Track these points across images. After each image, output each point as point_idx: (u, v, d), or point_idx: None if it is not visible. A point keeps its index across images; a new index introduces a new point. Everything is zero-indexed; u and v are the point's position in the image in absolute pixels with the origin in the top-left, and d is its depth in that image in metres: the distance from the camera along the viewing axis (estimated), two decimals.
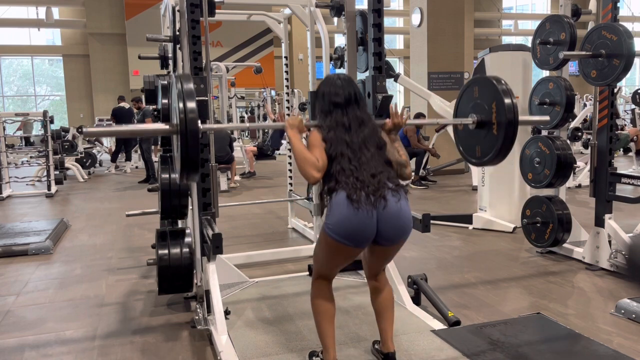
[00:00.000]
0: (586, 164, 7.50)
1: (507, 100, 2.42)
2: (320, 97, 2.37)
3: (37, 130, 11.88)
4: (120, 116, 11.21)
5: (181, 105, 2.15)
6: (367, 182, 2.14)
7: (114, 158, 11.77)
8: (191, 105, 2.16)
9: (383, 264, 2.43)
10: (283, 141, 11.16)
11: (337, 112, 2.29)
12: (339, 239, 2.15)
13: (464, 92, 2.73)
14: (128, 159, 11.91)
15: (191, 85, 2.22)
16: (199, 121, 2.19)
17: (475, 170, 7.68)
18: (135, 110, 10.98)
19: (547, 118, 3.15)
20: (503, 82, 2.52)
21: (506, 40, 23.26)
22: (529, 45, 4.61)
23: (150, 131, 2.59)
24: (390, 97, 3.25)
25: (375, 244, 2.23)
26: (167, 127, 2.30)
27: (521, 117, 2.46)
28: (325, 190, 2.23)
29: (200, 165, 2.32)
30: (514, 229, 5.23)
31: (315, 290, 2.35)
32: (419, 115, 8.62)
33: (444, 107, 7.02)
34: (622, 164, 9.55)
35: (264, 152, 10.60)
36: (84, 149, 11.95)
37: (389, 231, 2.18)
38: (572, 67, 12.13)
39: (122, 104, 11.34)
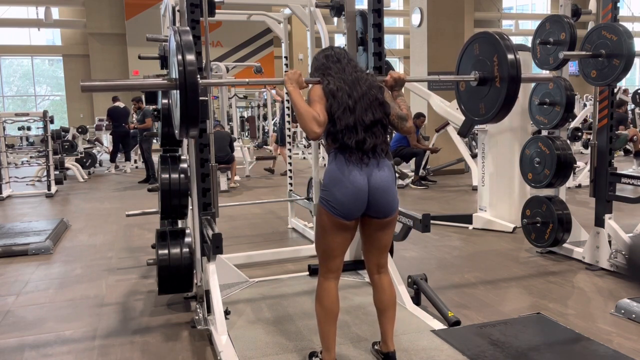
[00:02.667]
0: (586, 164, 7.51)
1: (509, 55, 2.41)
2: (314, 60, 2.40)
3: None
4: (115, 116, 11.22)
5: (180, 57, 2.12)
6: (362, 139, 2.19)
7: (112, 158, 11.78)
8: (190, 57, 2.13)
9: (381, 246, 2.41)
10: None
11: (335, 65, 2.31)
12: (333, 208, 2.20)
13: (464, 51, 2.70)
14: (127, 159, 11.91)
15: (190, 38, 2.20)
16: (198, 75, 2.17)
17: (475, 170, 7.69)
18: (134, 110, 10.98)
19: (550, 76, 3.13)
20: (506, 36, 2.49)
21: None
22: (529, 45, 4.61)
23: (150, 85, 2.58)
24: None
25: (366, 217, 2.28)
26: (165, 81, 2.28)
27: (524, 75, 2.45)
28: (329, 142, 2.26)
29: (199, 121, 2.30)
30: (514, 229, 5.23)
31: (321, 291, 2.34)
32: (419, 116, 8.62)
33: (444, 107, 7.03)
34: (623, 164, 9.56)
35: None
36: (84, 149, 11.95)
37: (378, 202, 2.23)
38: (572, 67, 12.12)
39: (117, 104, 11.34)
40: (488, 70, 2.52)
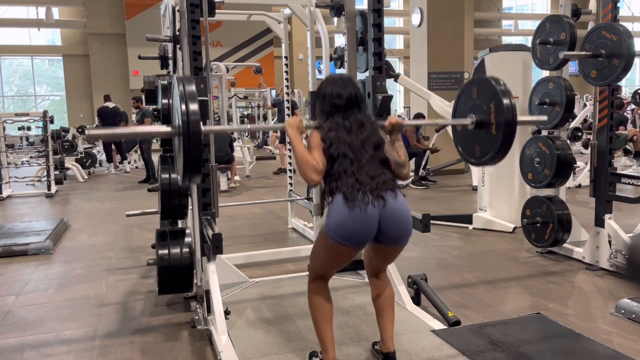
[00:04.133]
0: (586, 164, 7.50)
1: (505, 100, 2.43)
2: (321, 98, 2.36)
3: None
4: (104, 116, 11.23)
5: (183, 107, 2.15)
6: (366, 182, 2.16)
7: (108, 158, 11.77)
8: (193, 107, 2.15)
9: (385, 263, 2.44)
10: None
11: (338, 114, 2.29)
12: (338, 239, 2.16)
13: (462, 93, 2.74)
14: (124, 157, 11.89)
15: (193, 87, 2.22)
16: (201, 123, 2.19)
17: (475, 170, 7.68)
18: (134, 110, 10.98)
19: (544, 118, 3.15)
20: (502, 82, 2.53)
21: (506, 40, 23.28)
22: (529, 45, 4.61)
23: (152, 133, 2.60)
24: (390, 97, 3.26)
25: (377, 242, 2.25)
26: (169, 129, 2.31)
27: (520, 117, 2.47)
28: (327, 190, 2.24)
29: (202, 167, 2.32)
30: (514, 229, 5.23)
31: (313, 290, 2.35)
32: (418, 116, 8.61)
33: (444, 107, 7.03)
34: (623, 164, 9.56)
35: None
36: (84, 149, 11.95)
37: (391, 229, 2.19)
38: (572, 67, 12.12)
39: (107, 104, 11.35)
40: (485, 115, 2.56)
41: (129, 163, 12.11)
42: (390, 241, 2.25)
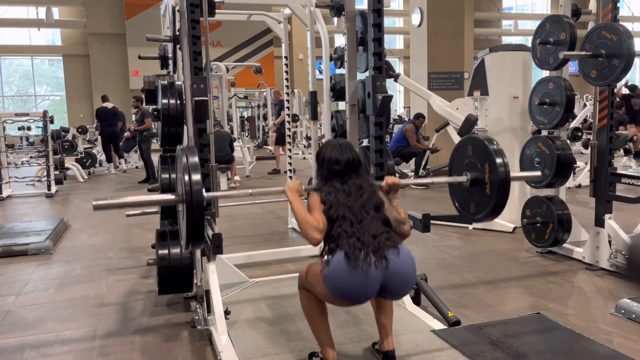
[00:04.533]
0: (586, 164, 7.50)
1: (498, 160, 2.52)
2: (320, 163, 2.40)
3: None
4: (103, 116, 11.23)
5: (187, 178, 2.25)
6: (368, 242, 2.15)
7: (108, 158, 11.76)
8: (196, 177, 2.26)
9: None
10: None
11: (336, 179, 2.32)
12: (335, 294, 2.17)
13: (458, 149, 2.81)
14: (120, 156, 11.87)
15: (196, 159, 2.33)
16: (204, 190, 2.28)
17: None
18: (133, 110, 10.97)
19: (538, 173, 3.21)
20: (494, 142, 2.61)
21: (506, 40, 23.28)
22: (529, 45, 4.61)
23: (157, 202, 2.68)
24: (390, 97, 3.26)
25: (379, 296, 2.25)
26: (173, 197, 2.39)
27: (513, 174, 2.56)
28: (326, 250, 2.23)
29: (204, 236, 2.41)
30: (514, 229, 5.23)
31: (304, 295, 2.38)
32: (419, 116, 8.61)
33: (444, 107, 7.02)
34: (622, 164, 9.56)
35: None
36: (84, 149, 11.95)
37: (394, 287, 2.21)
38: (572, 67, 12.12)
39: (105, 104, 11.35)
40: (480, 173, 2.63)
41: (126, 162, 12.11)
42: (392, 297, 2.30)
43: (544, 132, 4.42)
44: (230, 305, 3.09)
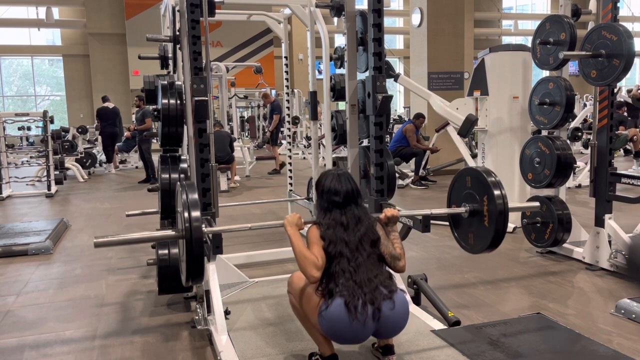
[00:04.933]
0: (586, 164, 7.50)
1: (496, 192, 2.57)
2: (320, 194, 2.42)
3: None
4: (105, 116, 11.23)
5: (186, 215, 2.31)
6: (365, 289, 2.17)
7: (109, 158, 11.74)
8: (196, 214, 2.31)
9: None
10: (283, 142, 11.14)
11: (335, 211, 2.34)
12: (328, 335, 2.24)
13: (456, 180, 2.84)
14: (110, 160, 11.78)
15: (195, 196, 2.38)
16: (203, 226, 2.33)
17: None
18: (135, 109, 10.96)
19: (537, 204, 3.23)
20: (493, 174, 2.66)
21: (506, 40, 23.29)
22: (529, 45, 4.61)
23: (159, 238, 2.70)
24: (390, 97, 3.26)
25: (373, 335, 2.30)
26: (173, 232, 2.43)
27: (511, 205, 2.59)
28: (326, 291, 2.23)
29: (204, 272, 2.46)
30: (514, 229, 5.23)
31: (294, 300, 2.43)
32: (418, 116, 8.61)
33: (444, 107, 7.01)
34: (623, 164, 9.55)
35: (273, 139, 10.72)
36: (84, 149, 11.95)
37: (387, 333, 2.31)
38: (572, 67, 12.12)
39: (106, 104, 11.35)
40: (478, 205, 2.66)
41: (122, 163, 12.11)
42: (383, 337, 2.36)
43: (544, 132, 4.42)
44: (230, 305, 3.10)
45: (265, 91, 11.78)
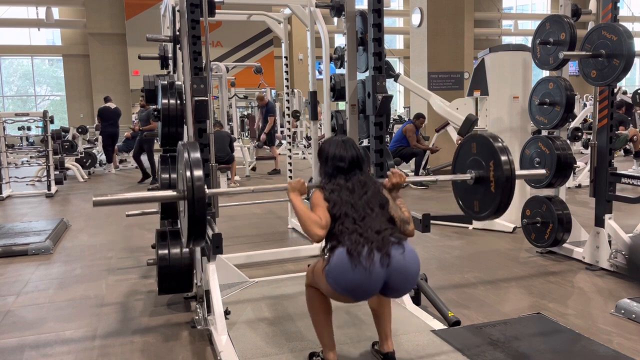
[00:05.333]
0: (586, 164, 7.50)
1: (504, 158, 2.51)
2: (324, 160, 2.38)
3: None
4: (106, 116, 11.24)
5: (188, 173, 2.23)
6: (372, 238, 2.12)
7: (109, 158, 11.72)
8: (198, 173, 2.24)
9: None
10: (283, 141, 11.13)
11: (340, 176, 2.31)
12: (338, 289, 2.15)
13: (462, 146, 2.80)
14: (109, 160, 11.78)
15: (198, 154, 2.30)
16: (205, 187, 2.26)
17: None
18: (138, 108, 10.95)
19: (543, 171, 3.21)
20: (499, 139, 2.59)
21: (506, 40, 23.29)
22: (529, 45, 4.61)
23: (158, 197, 2.66)
24: (390, 97, 3.26)
25: (381, 293, 2.21)
26: (174, 193, 2.37)
27: (518, 172, 2.54)
28: (328, 247, 2.22)
29: (205, 233, 2.39)
30: (514, 229, 5.23)
31: (311, 292, 2.37)
32: (419, 116, 8.61)
33: (444, 107, 7.01)
34: (623, 164, 9.55)
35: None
36: (84, 149, 11.95)
37: (398, 285, 2.17)
38: (572, 67, 12.12)
39: (108, 104, 11.36)
40: (484, 171, 2.61)
41: (121, 162, 12.10)
42: (394, 294, 2.25)
43: (544, 132, 4.42)
44: (230, 305, 3.10)
45: (260, 93, 11.76)
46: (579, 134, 9.58)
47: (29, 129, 12.54)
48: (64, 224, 5.95)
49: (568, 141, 4.51)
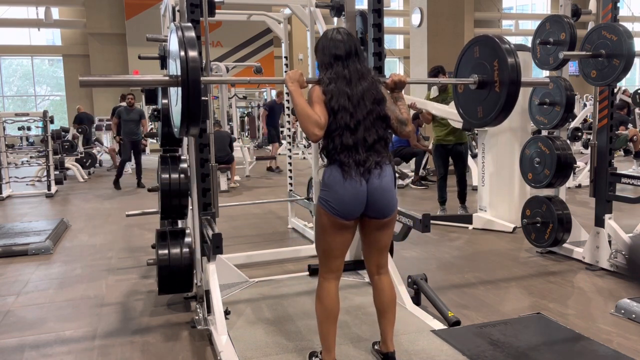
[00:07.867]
0: (586, 164, 7.50)
1: (510, 59, 2.42)
2: (321, 51, 2.36)
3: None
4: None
5: (182, 54, 2.10)
6: (361, 152, 2.20)
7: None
8: (193, 54, 2.12)
9: (379, 249, 2.42)
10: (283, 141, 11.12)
11: (337, 64, 2.29)
12: (329, 209, 2.22)
13: (463, 53, 2.71)
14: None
15: (192, 34, 2.18)
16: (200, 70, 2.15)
17: (475, 170, 7.68)
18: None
19: (547, 80, 3.12)
20: (506, 40, 2.50)
21: None
22: (529, 45, 4.61)
23: (149, 81, 2.56)
24: None
25: (366, 218, 2.29)
26: (166, 78, 2.26)
27: (523, 78, 2.46)
28: (326, 150, 2.25)
29: (201, 118, 2.29)
30: (514, 229, 5.23)
31: (321, 291, 2.35)
32: (418, 116, 8.60)
33: (444, 109, 7.00)
34: (623, 164, 9.55)
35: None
36: (84, 149, 11.94)
37: (377, 202, 2.25)
38: (572, 67, 12.10)
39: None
40: (488, 74, 2.53)
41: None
42: (377, 214, 2.28)
43: (544, 132, 4.42)
44: (230, 305, 3.10)
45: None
46: (579, 134, 9.59)
47: (29, 129, 12.52)
48: (64, 224, 5.95)
49: (568, 141, 4.51)
